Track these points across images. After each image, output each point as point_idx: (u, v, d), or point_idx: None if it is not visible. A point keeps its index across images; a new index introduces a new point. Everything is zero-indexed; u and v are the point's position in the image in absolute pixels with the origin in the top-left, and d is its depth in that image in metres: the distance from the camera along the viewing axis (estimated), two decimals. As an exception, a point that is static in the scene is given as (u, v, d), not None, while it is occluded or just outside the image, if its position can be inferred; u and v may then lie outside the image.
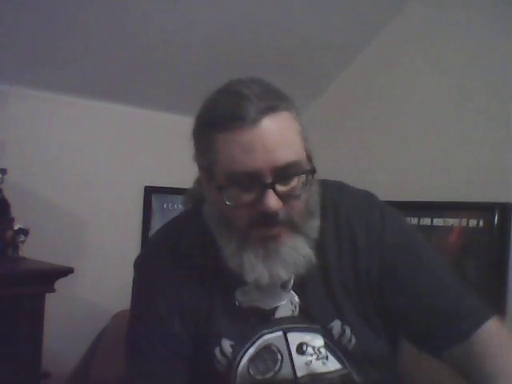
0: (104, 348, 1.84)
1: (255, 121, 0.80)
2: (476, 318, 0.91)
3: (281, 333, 0.93)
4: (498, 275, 1.80)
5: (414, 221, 2.01)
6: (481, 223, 1.85)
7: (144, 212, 2.27)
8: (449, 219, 1.93)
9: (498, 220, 1.80)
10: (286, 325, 0.93)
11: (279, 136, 0.82)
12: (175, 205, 2.31)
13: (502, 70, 1.87)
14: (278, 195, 0.82)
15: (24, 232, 1.76)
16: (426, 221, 1.99)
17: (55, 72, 1.93)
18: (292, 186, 0.84)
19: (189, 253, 0.96)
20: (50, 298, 1.64)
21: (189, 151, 0.91)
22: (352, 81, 2.35)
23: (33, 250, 1.79)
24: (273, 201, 0.81)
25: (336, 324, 0.93)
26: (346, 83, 2.37)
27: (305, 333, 0.93)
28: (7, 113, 1.91)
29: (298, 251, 0.86)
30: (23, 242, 1.77)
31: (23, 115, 1.95)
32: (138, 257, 1.03)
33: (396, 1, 2.13)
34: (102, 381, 1.69)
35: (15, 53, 1.81)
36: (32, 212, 1.91)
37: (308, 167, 0.85)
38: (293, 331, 0.93)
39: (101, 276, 2.08)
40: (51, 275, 1.63)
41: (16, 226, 1.76)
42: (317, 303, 0.93)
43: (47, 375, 1.63)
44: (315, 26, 2.07)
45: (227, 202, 0.83)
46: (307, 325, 0.93)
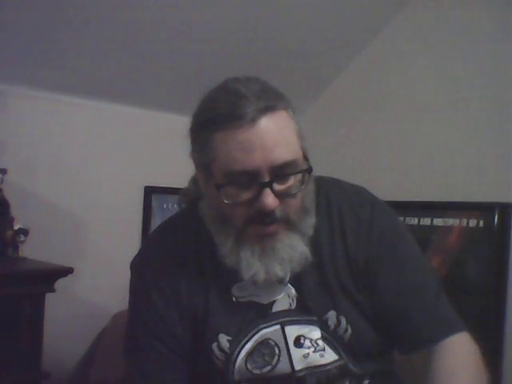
0: (104, 348, 1.84)
1: (253, 120, 0.81)
2: (445, 328, 0.91)
3: (278, 326, 0.94)
4: (498, 275, 1.80)
5: (414, 221, 2.01)
6: (481, 223, 1.85)
7: (144, 212, 2.27)
8: (449, 219, 1.94)
9: (498, 220, 1.81)
10: (284, 318, 0.94)
11: (277, 135, 0.83)
12: (175, 205, 2.31)
13: (502, 70, 1.87)
14: (275, 194, 0.83)
15: (24, 232, 1.76)
16: (426, 221, 1.99)
17: (55, 72, 1.92)
18: (289, 185, 0.85)
19: (184, 250, 0.97)
20: (50, 298, 1.64)
21: (188, 147, 0.91)
22: (352, 81, 2.35)
23: (33, 250, 1.78)
24: (270, 199, 0.82)
25: (331, 314, 0.94)
26: (346, 84, 2.37)
27: (302, 325, 0.94)
28: (7, 113, 1.91)
29: (294, 248, 0.88)
30: (23, 242, 1.77)
31: (23, 115, 1.95)
32: (135, 257, 1.04)
33: (395, 1, 2.13)
34: (102, 381, 1.69)
35: (15, 53, 1.81)
36: (32, 212, 1.90)
37: (305, 166, 0.87)
38: (290, 324, 0.94)
39: (101, 276, 2.08)
40: (51, 275, 1.63)
41: (16, 226, 1.76)
42: (313, 295, 0.94)
43: (47, 375, 1.63)
44: (315, 27, 2.07)
45: (225, 201, 0.84)
46: (304, 317, 0.94)
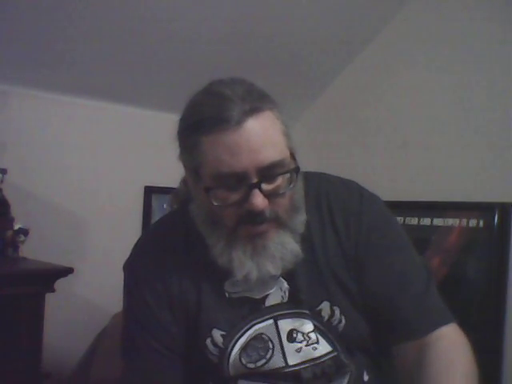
0: (104, 348, 1.84)
1: (239, 122, 0.82)
2: (435, 319, 0.92)
3: (271, 321, 0.95)
4: (498, 275, 1.80)
5: (414, 221, 2.01)
6: (481, 223, 1.85)
7: (144, 212, 2.27)
8: (449, 219, 1.93)
9: (498, 220, 1.81)
10: (276, 312, 0.95)
11: (263, 136, 0.83)
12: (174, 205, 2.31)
13: (502, 70, 1.87)
14: (264, 194, 0.84)
15: (24, 232, 1.76)
16: (426, 221, 1.99)
17: (55, 72, 1.92)
18: (277, 185, 0.86)
19: (176, 249, 0.98)
20: (50, 298, 1.64)
21: (177, 154, 0.92)
22: (352, 81, 2.35)
23: (33, 250, 1.78)
24: (259, 200, 0.83)
25: (325, 305, 0.94)
26: (346, 83, 2.37)
27: (294, 319, 0.95)
28: (7, 113, 1.91)
29: (285, 246, 0.89)
30: (23, 242, 1.77)
31: (23, 115, 1.95)
32: (127, 259, 1.04)
33: (395, 1, 2.13)
34: (102, 381, 1.69)
35: (15, 53, 1.81)
36: (32, 212, 1.91)
37: (292, 166, 0.88)
38: (283, 318, 0.95)
39: (101, 276, 2.08)
40: (51, 275, 1.63)
41: (16, 226, 1.76)
42: (305, 287, 0.95)
43: (47, 375, 1.63)
44: (314, 27, 2.07)
45: (214, 203, 0.85)
46: (296, 310, 0.95)
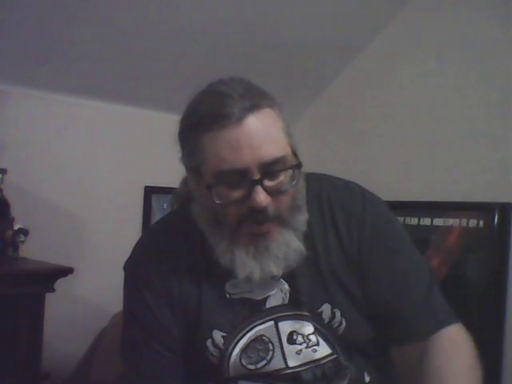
0: (104, 348, 1.84)
1: (240, 119, 0.82)
2: (438, 320, 0.92)
3: (272, 323, 0.95)
4: (498, 275, 1.80)
5: (414, 221, 2.01)
6: (481, 223, 1.85)
7: (144, 212, 2.27)
8: (449, 219, 1.93)
9: (498, 220, 1.80)
10: (277, 314, 0.95)
11: (264, 133, 0.83)
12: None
13: (503, 70, 1.87)
14: (266, 191, 0.84)
15: (24, 232, 1.76)
16: (426, 221, 1.99)
17: (55, 72, 1.92)
18: (279, 182, 0.86)
19: (176, 249, 0.98)
20: (50, 298, 1.64)
21: (179, 156, 0.92)
22: (352, 81, 2.34)
23: (33, 250, 1.78)
24: (261, 196, 0.83)
25: (326, 307, 0.94)
26: (346, 83, 2.37)
27: (295, 321, 0.95)
28: (7, 113, 1.91)
29: (288, 245, 0.88)
30: (23, 242, 1.77)
31: (23, 115, 1.95)
32: (127, 259, 1.04)
33: (395, 2, 2.13)
34: (102, 381, 1.69)
35: (15, 53, 1.81)
36: (32, 212, 1.90)
37: (294, 162, 0.87)
38: (283, 320, 0.95)
39: (101, 276, 2.08)
40: (51, 275, 1.63)
41: (16, 226, 1.76)
42: (306, 289, 0.94)
43: (47, 375, 1.63)
44: (315, 27, 2.07)
45: (216, 201, 0.84)
46: (297, 312, 0.95)
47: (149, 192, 2.27)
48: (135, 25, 1.84)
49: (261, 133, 0.83)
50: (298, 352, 0.94)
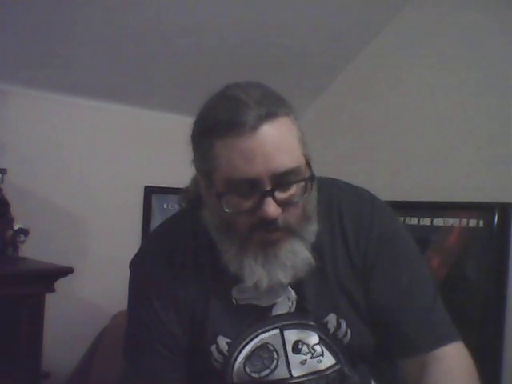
0: (104, 348, 1.84)
1: (254, 127, 0.80)
2: (439, 337, 0.90)
3: (277, 331, 0.94)
4: (498, 275, 1.80)
5: (414, 221, 2.01)
6: (481, 223, 1.85)
7: (144, 212, 2.27)
8: (449, 219, 1.93)
9: (498, 220, 1.80)
10: (283, 322, 0.94)
11: (278, 142, 0.81)
12: (175, 205, 2.31)
13: (502, 70, 1.87)
14: (277, 202, 0.82)
15: (24, 232, 1.76)
16: (426, 221, 1.99)
17: (55, 72, 1.92)
18: (291, 193, 0.84)
19: (184, 251, 0.97)
20: (50, 298, 1.64)
21: (189, 151, 0.91)
22: (352, 81, 2.34)
23: (33, 250, 1.79)
24: (272, 208, 0.81)
25: (331, 318, 0.93)
26: (346, 83, 2.37)
27: (300, 330, 0.94)
28: (7, 113, 1.91)
29: (297, 255, 0.87)
30: (23, 242, 1.77)
31: (23, 115, 1.95)
32: (134, 257, 1.03)
33: (395, 1, 2.13)
34: (102, 381, 1.69)
35: (15, 53, 1.81)
36: (32, 212, 1.90)
37: (307, 174, 0.85)
38: (289, 329, 0.94)
39: (101, 276, 2.08)
40: (51, 275, 1.63)
41: (16, 226, 1.76)
42: (313, 298, 0.94)
43: (47, 375, 1.63)
44: (315, 27, 2.07)
45: (226, 210, 0.83)
46: (303, 321, 0.94)
47: (149, 192, 2.27)
48: (135, 25, 1.84)
49: (275, 142, 0.81)
50: (303, 362, 0.93)
